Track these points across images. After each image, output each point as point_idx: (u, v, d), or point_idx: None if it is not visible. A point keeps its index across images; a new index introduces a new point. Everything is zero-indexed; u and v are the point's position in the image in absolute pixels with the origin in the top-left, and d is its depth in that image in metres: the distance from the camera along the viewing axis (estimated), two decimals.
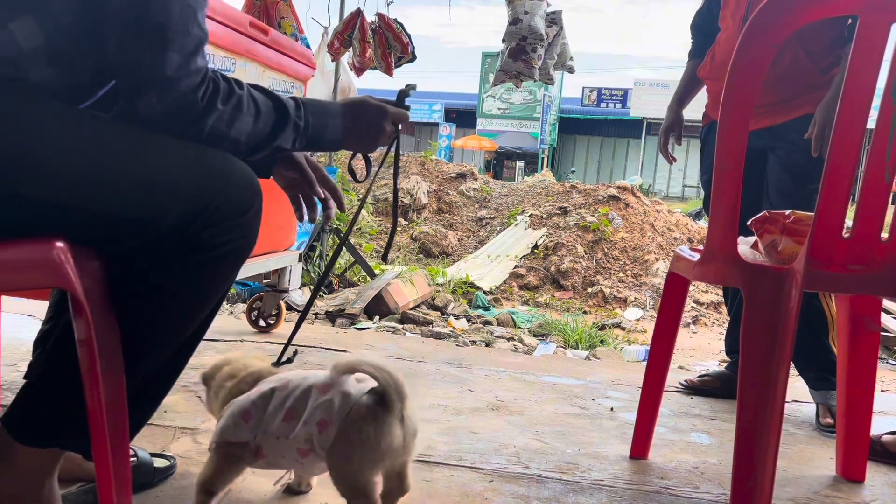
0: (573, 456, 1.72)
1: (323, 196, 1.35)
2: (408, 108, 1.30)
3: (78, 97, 0.98)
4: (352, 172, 1.51)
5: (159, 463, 1.40)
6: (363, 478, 1.10)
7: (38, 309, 2.57)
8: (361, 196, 7.85)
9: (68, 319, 0.95)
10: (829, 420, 2.02)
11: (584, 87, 28.40)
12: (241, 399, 1.19)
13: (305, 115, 1.12)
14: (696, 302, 6.42)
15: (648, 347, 1.77)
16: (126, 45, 0.91)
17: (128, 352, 0.98)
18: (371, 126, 1.22)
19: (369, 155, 1.34)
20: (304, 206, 1.33)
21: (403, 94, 1.32)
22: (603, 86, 28.63)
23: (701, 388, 2.38)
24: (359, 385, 1.15)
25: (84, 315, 0.89)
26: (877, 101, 1.26)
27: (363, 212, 7.23)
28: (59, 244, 0.88)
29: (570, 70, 4.98)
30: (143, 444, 1.46)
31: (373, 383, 1.13)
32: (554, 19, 4.81)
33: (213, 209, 0.96)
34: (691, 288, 6.31)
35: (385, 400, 1.11)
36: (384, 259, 1.63)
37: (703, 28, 2.36)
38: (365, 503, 1.10)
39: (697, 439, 1.92)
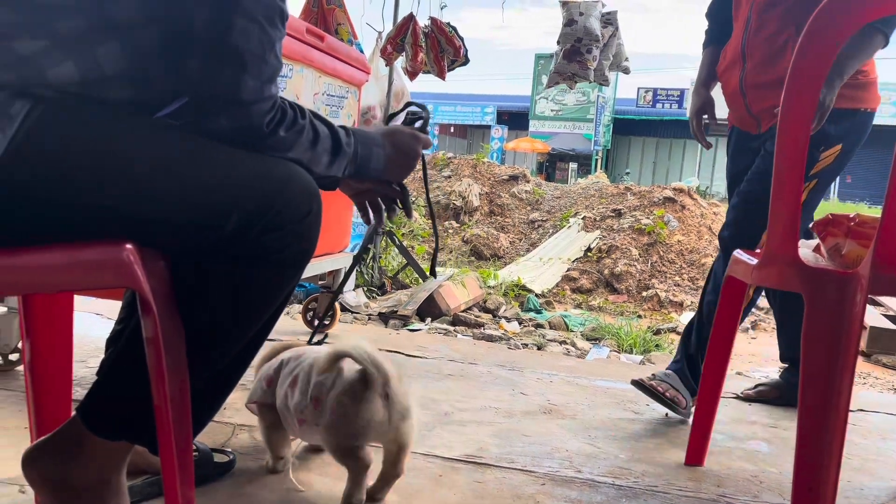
0: (626, 461, 1.70)
1: (398, 190, 1.35)
2: (424, 120, 1.33)
3: (149, 112, 1.02)
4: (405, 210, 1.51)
5: (219, 458, 1.45)
6: (348, 444, 1.26)
7: (107, 308, 2.68)
8: (413, 199, 7.85)
9: (138, 320, 1.00)
10: None
11: (638, 88, 27.96)
12: (266, 365, 1.43)
13: (355, 143, 1.16)
14: (756, 307, 6.25)
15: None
16: (205, 67, 0.96)
17: (192, 352, 1.02)
18: (409, 154, 1.26)
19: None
20: (370, 210, 1.37)
21: (413, 115, 1.34)
22: (658, 86, 28.14)
23: (757, 399, 2.32)
24: (352, 368, 1.28)
25: (151, 314, 0.93)
26: None
27: (415, 214, 7.28)
28: (129, 246, 0.92)
29: (626, 71, 4.92)
30: (204, 440, 1.51)
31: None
32: (609, 20, 4.76)
33: (273, 214, 0.99)
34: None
35: (366, 379, 1.24)
36: (432, 274, 1.65)
37: (717, 16, 2.29)
38: (353, 462, 1.27)
39: (756, 447, 1.87)
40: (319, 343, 1.53)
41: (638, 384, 2.05)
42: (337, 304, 2.91)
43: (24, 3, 0.85)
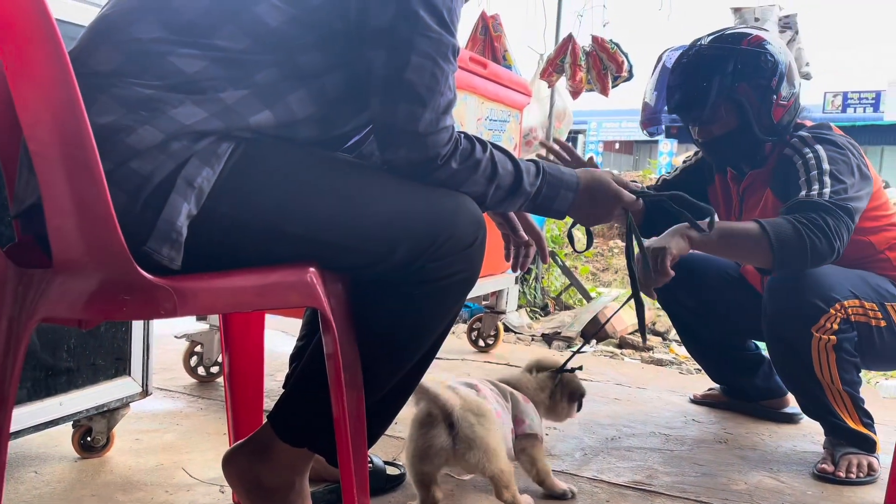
0: (815, 498, 1.56)
1: (526, 240, 1.42)
2: (641, 197, 1.31)
3: (332, 147, 1.13)
4: (571, 240, 1.54)
5: (391, 471, 1.52)
6: (415, 469, 1.35)
7: (291, 326, 2.91)
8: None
9: (319, 339, 1.09)
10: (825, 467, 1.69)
11: (825, 93, 25.70)
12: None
13: (541, 184, 1.18)
14: None
15: None
16: (384, 103, 1.03)
17: (367, 368, 1.09)
18: (601, 207, 1.25)
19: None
20: (511, 248, 1.42)
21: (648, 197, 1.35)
22: (849, 89, 25.69)
23: (703, 402, 2.24)
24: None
25: (331, 331, 1.01)
26: None
27: (578, 234, 7.19)
28: (312, 269, 1.00)
29: (807, 76, 4.56)
30: (377, 453, 1.59)
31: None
32: (788, 24, 4.45)
33: (440, 244, 1.05)
34: None
35: (429, 411, 1.32)
36: (643, 340, 1.68)
37: None
38: (420, 490, 1.37)
39: None
40: (571, 370, 1.57)
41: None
42: (500, 325, 2.95)
43: (230, 59, 0.97)
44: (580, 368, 1.57)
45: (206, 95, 0.95)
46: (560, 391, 1.56)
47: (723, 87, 1.78)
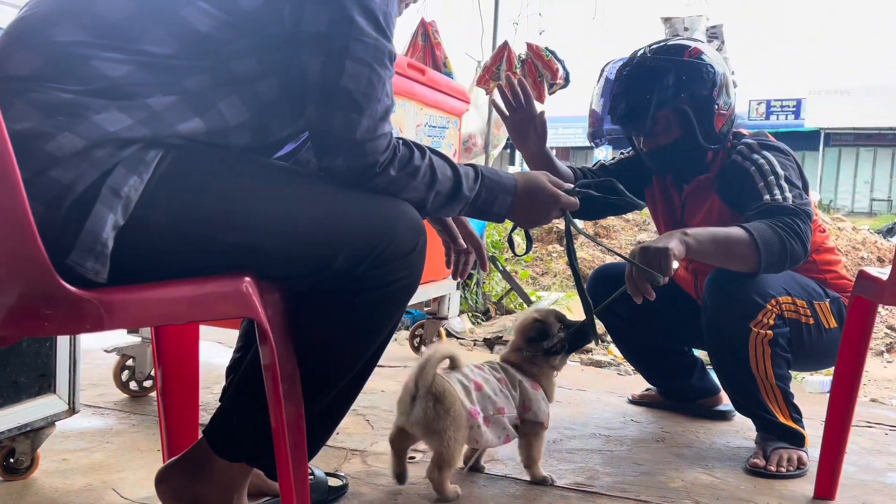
0: (748, 492, 1.61)
1: (465, 248, 1.42)
2: (579, 195, 1.33)
3: (267, 154, 1.10)
4: (511, 244, 1.56)
5: (333, 482, 1.49)
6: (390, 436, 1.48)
7: (227, 337, 2.84)
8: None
9: (256, 351, 1.06)
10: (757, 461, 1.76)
11: (750, 101, 26.78)
12: None
13: (480, 188, 1.18)
14: (890, 328, 5.76)
15: (832, 378, 1.63)
16: (320, 110, 1.02)
17: (306, 380, 1.07)
18: (539, 209, 1.26)
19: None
20: (451, 256, 1.44)
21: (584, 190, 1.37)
22: (772, 97, 26.84)
23: (641, 402, 2.33)
24: None
25: (268, 342, 0.99)
26: None
27: (518, 238, 7.28)
28: (248, 279, 0.98)
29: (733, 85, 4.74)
30: (318, 464, 1.56)
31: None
32: (715, 34, 4.62)
33: (380, 251, 1.04)
34: (885, 312, 5.68)
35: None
36: (595, 342, 1.71)
37: None
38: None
39: (894, 481, 1.72)
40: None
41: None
42: (442, 330, 2.95)
43: (157, 64, 0.94)
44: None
45: (132, 101, 0.91)
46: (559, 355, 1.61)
47: (666, 97, 1.82)
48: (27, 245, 0.79)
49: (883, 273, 1.46)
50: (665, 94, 1.82)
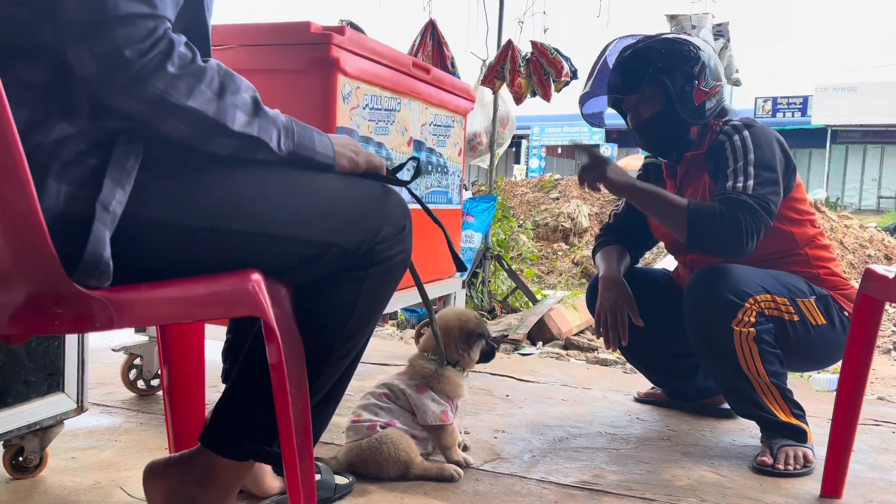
0: (755, 491, 1.61)
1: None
2: (399, 181, 1.19)
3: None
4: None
5: (340, 480, 1.50)
6: None
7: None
8: (521, 222, 7.79)
9: (251, 345, 1.07)
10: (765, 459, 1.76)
11: (756, 98, 26.68)
12: None
13: (288, 120, 1.02)
14: None
15: (839, 376, 1.62)
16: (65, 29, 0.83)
17: (311, 369, 1.08)
18: (351, 145, 1.12)
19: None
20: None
21: (400, 166, 1.26)
22: (778, 94, 26.73)
23: (646, 400, 2.34)
24: None
25: (275, 341, 0.99)
26: None
27: (523, 237, 7.27)
28: (255, 276, 0.98)
29: (737, 83, 4.73)
30: (326, 462, 1.56)
31: None
32: (721, 32, 4.61)
33: (378, 229, 1.08)
34: (892, 310, 5.65)
35: None
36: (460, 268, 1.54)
37: (618, 230, 2.29)
38: None
39: None
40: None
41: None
42: None
43: None
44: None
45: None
46: (456, 348, 1.66)
47: (648, 70, 1.92)
48: (38, 245, 0.80)
49: (890, 271, 1.46)
50: (648, 66, 1.92)
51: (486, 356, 1.71)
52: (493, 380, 2.57)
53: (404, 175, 1.24)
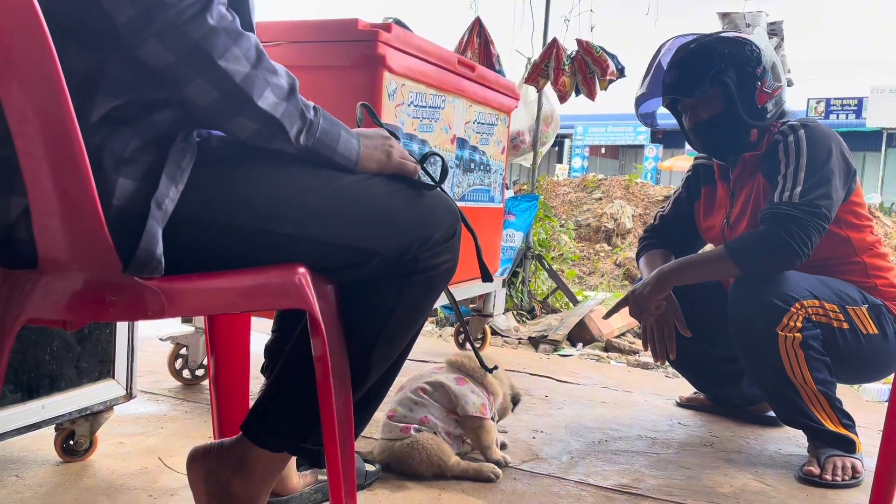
0: (801, 501, 1.57)
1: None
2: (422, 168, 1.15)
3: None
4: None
5: (368, 467, 1.52)
6: None
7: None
8: (563, 222, 7.74)
9: (297, 339, 1.08)
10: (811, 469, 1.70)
11: (808, 99, 25.97)
12: None
13: (316, 113, 1.00)
14: None
15: (891, 386, 1.57)
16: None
17: (354, 366, 1.09)
18: (383, 147, 1.09)
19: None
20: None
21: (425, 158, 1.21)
22: (832, 95, 25.98)
23: (688, 405, 2.30)
24: None
25: (320, 334, 1.01)
26: None
27: (564, 237, 7.22)
28: (302, 270, 1.00)
29: (789, 83, 4.61)
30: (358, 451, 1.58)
31: None
32: (774, 30, 4.49)
33: (426, 236, 1.07)
34: None
35: None
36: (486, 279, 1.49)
37: (663, 233, 2.23)
38: None
39: None
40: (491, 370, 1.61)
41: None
42: (487, 328, 2.95)
43: None
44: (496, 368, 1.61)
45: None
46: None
47: (710, 69, 1.86)
48: (96, 237, 0.82)
49: None
50: (709, 66, 1.87)
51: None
52: (533, 380, 2.56)
53: (430, 169, 1.21)
